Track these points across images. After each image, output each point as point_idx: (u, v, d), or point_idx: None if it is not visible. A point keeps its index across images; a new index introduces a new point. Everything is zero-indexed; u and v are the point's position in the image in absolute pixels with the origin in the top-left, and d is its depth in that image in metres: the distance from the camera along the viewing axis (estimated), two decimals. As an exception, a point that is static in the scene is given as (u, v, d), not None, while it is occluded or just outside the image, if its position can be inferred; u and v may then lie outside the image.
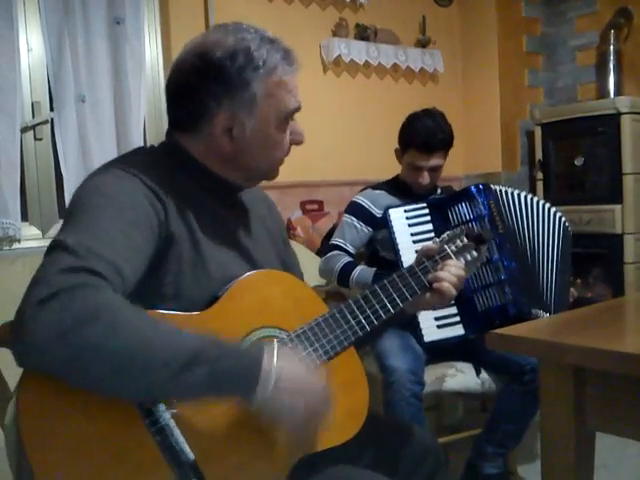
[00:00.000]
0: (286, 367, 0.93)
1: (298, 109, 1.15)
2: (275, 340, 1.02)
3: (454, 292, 1.23)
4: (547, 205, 2.12)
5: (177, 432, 0.92)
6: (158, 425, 0.92)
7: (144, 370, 0.85)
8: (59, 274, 0.85)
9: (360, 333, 1.14)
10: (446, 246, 1.27)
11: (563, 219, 2.12)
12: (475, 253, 1.30)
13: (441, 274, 1.23)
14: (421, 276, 1.22)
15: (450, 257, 1.26)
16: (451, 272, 1.23)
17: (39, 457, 0.83)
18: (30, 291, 0.84)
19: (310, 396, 0.96)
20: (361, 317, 1.14)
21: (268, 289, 1.12)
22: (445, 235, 1.30)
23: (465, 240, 1.30)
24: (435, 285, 1.22)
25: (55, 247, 0.90)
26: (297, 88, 1.14)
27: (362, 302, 1.16)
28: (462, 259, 1.28)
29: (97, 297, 0.84)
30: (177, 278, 1.03)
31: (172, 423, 0.92)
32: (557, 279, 2.05)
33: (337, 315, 1.13)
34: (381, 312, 1.17)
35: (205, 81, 1.08)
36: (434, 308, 1.28)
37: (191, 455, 0.92)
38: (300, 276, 1.32)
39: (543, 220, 2.09)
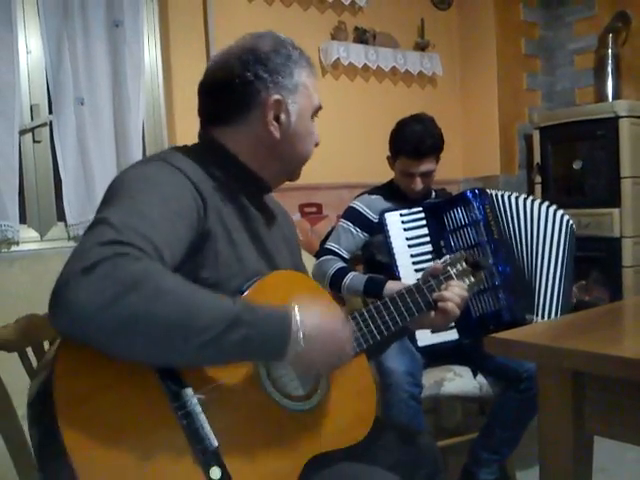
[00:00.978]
0: (309, 321, 0.98)
1: (321, 107, 1.26)
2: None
3: (457, 312, 1.28)
4: (547, 206, 2.09)
5: (202, 418, 0.95)
6: (185, 409, 0.94)
7: (186, 336, 0.87)
8: (101, 246, 0.86)
9: (371, 341, 1.19)
10: (449, 268, 1.32)
11: (565, 217, 2.10)
12: (472, 278, 1.35)
13: (446, 294, 1.27)
14: (427, 294, 1.27)
15: (453, 278, 1.31)
16: (455, 292, 1.27)
17: (70, 425, 0.85)
18: (71, 263, 0.85)
19: (335, 339, 1.02)
20: (372, 326, 1.19)
21: (291, 289, 1.15)
22: (447, 258, 1.34)
23: (464, 265, 1.35)
24: (440, 304, 1.27)
25: (98, 223, 0.91)
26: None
27: (373, 312, 1.20)
28: (462, 282, 1.33)
29: (139, 265, 0.86)
30: (213, 273, 1.06)
31: (198, 409, 0.95)
32: (560, 282, 2.04)
33: (351, 322, 1.16)
34: (390, 324, 1.21)
35: (255, 71, 1.15)
36: (433, 329, 1.30)
37: (215, 442, 0.95)
38: None
39: (545, 223, 2.07)
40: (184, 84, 2.78)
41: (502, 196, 2.06)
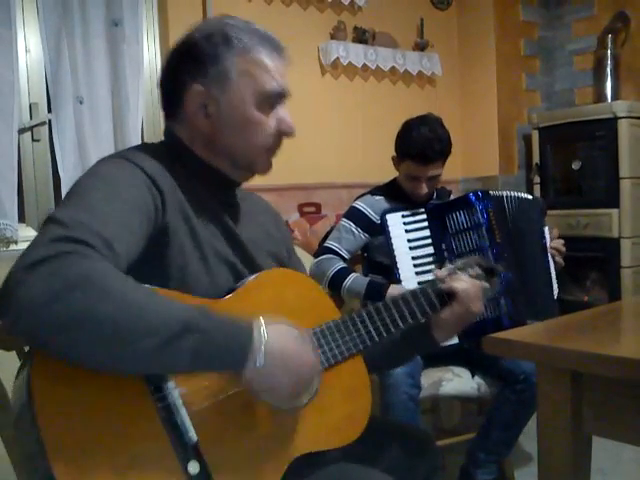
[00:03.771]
0: (275, 341, 0.94)
1: (281, 93, 1.16)
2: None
3: (473, 295, 1.22)
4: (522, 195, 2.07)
5: (183, 412, 0.94)
6: (165, 402, 0.92)
7: (132, 337, 0.83)
8: (48, 243, 0.84)
9: (368, 343, 1.17)
10: (459, 272, 1.28)
11: (527, 196, 2.07)
12: (486, 284, 1.30)
13: (453, 282, 1.24)
14: (431, 294, 1.23)
15: None
16: (461, 279, 1.24)
17: (48, 420, 0.84)
18: (19, 259, 0.84)
19: (299, 369, 0.97)
20: (371, 327, 1.17)
21: (285, 287, 1.14)
22: (459, 262, 1.31)
23: (478, 270, 1.30)
24: (448, 290, 1.23)
25: (47, 221, 0.90)
26: (281, 73, 1.15)
27: (374, 313, 1.19)
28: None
29: (86, 263, 0.83)
30: (183, 271, 1.04)
31: (179, 402, 0.93)
32: (539, 275, 2.03)
33: (348, 322, 1.16)
34: (391, 326, 1.19)
35: (180, 58, 1.14)
36: (460, 324, 1.25)
37: (195, 437, 0.93)
38: None
39: (527, 214, 2.06)
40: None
41: (506, 197, 2.04)
